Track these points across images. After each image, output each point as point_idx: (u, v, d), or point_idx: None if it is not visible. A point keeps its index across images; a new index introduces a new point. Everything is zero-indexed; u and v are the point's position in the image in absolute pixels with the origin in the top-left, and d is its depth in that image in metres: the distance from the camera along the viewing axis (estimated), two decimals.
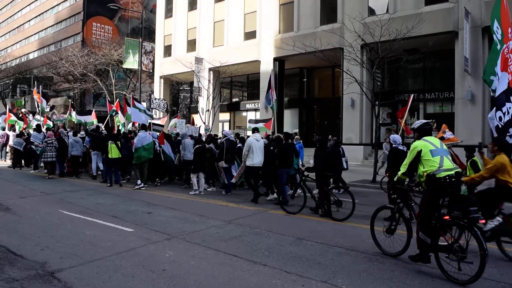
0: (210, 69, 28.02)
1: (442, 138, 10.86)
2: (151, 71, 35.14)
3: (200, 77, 26.51)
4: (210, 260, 5.35)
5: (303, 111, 28.09)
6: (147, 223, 7.52)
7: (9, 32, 71.68)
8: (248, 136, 12.68)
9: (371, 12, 21.19)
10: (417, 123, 5.55)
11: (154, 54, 34.41)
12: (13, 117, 23.40)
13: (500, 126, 8.36)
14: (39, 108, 23.26)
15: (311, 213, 8.73)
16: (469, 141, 17.60)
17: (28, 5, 65.70)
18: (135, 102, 15.85)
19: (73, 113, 22.44)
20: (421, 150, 5.15)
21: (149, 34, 42.88)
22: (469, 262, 4.65)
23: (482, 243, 4.55)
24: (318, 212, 8.66)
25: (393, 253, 5.68)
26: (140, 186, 12.50)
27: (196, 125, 19.04)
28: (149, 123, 15.95)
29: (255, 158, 10.30)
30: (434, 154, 5.08)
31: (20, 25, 68.13)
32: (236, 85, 32.15)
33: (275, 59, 25.19)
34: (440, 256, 4.91)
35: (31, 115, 25.03)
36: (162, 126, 18.07)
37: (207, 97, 25.50)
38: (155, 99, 19.11)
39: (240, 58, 25.96)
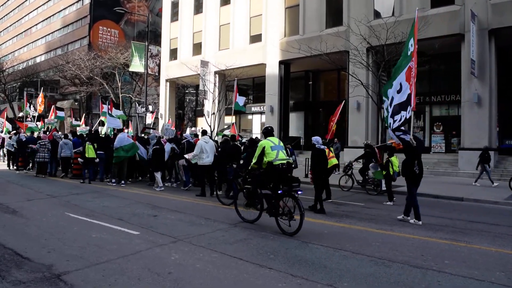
0: (215, 72, 28.10)
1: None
2: (157, 74, 35.31)
3: (206, 80, 26.58)
4: (215, 263, 5.35)
5: (309, 114, 28.07)
6: (152, 226, 7.53)
7: (16, 36, 72.30)
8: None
9: (377, 15, 21.18)
10: (263, 128, 8.15)
11: (160, 57, 34.59)
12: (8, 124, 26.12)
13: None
14: (24, 111, 25.27)
15: (313, 214, 9.07)
16: (476, 144, 17.57)
17: (35, 9, 66.29)
18: (113, 109, 17.53)
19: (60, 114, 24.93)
20: (265, 147, 7.42)
21: (155, 37, 43.11)
22: (295, 220, 6.89)
23: (301, 207, 6.82)
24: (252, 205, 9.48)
25: (251, 220, 7.85)
26: (114, 183, 13.62)
27: (192, 129, 20.09)
28: (144, 126, 17.17)
29: (205, 158, 11.64)
30: (273, 149, 7.40)
31: (27, 29, 68.72)
32: (241, 88, 32.10)
33: (280, 62, 25.22)
34: (278, 220, 7.16)
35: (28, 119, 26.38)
36: (155, 129, 19.39)
37: (213, 100, 25.56)
38: (139, 105, 21.13)
39: (245, 61, 26.03)
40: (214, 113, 24.58)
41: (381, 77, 17.42)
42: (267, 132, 7.83)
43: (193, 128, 22.32)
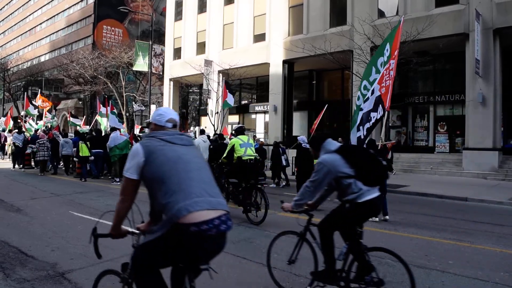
0: (219, 72, 28.10)
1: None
2: (160, 73, 35.35)
3: (210, 80, 26.59)
4: (219, 262, 5.32)
5: (313, 113, 27.97)
6: None
7: (21, 35, 72.57)
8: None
9: (381, 14, 21.11)
10: (235, 127, 9.24)
11: (163, 56, 34.62)
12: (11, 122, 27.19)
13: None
14: (25, 112, 26.17)
15: (314, 213, 8.99)
16: (480, 144, 17.49)
17: (39, 8, 66.49)
18: (113, 108, 18.21)
19: (49, 116, 25.98)
20: (234, 144, 8.38)
21: (159, 36, 43.16)
22: (261, 211, 7.69)
23: (266, 198, 7.68)
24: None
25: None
26: (118, 182, 13.89)
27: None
28: (142, 126, 17.80)
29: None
30: (241, 146, 8.33)
31: (31, 28, 68.95)
32: (245, 87, 32.20)
33: (284, 62, 25.18)
34: (249, 212, 7.99)
35: (28, 118, 26.84)
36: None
37: (217, 100, 25.58)
38: (137, 104, 21.84)
39: (249, 61, 25.99)
40: (217, 112, 24.60)
41: None
42: (239, 131, 8.85)
43: (196, 128, 22.44)
